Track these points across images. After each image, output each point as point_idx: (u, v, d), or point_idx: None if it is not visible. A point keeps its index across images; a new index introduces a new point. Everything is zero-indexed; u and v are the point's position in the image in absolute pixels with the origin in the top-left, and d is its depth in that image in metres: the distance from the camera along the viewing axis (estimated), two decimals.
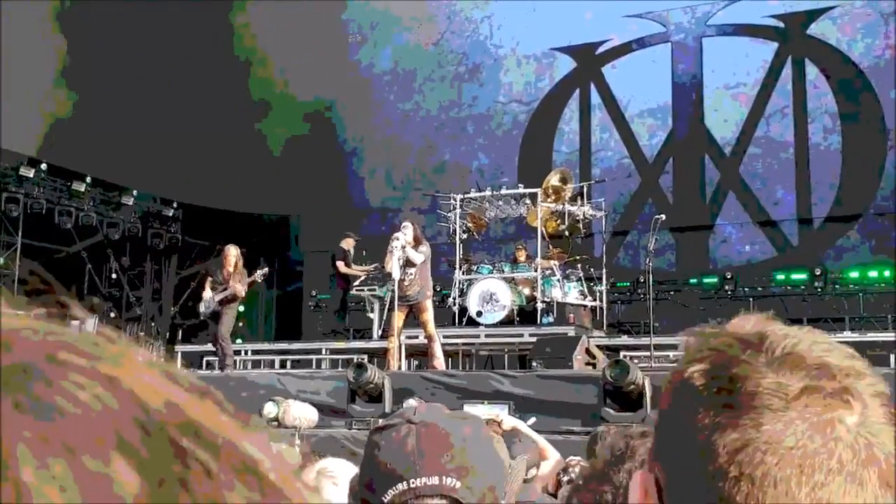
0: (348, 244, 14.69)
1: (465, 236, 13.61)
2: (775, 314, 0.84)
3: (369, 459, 1.52)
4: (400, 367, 10.81)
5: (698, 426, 0.76)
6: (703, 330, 0.84)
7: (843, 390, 0.75)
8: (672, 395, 0.81)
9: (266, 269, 11.99)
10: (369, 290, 14.69)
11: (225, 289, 11.51)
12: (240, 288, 11.50)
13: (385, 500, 1.45)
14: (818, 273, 16.08)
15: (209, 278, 11.96)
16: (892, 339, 11.95)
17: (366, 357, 11.66)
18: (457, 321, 12.76)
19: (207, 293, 11.70)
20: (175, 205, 18.95)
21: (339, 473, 2.52)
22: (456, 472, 1.46)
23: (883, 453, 0.75)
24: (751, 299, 16.44)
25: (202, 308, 11.77)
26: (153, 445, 0.35)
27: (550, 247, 13.62)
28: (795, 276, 16.39)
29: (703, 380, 0.78)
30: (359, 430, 8.62)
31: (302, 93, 19.96)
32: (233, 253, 11.70)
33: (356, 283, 14.73)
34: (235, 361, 12.75)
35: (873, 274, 15.88)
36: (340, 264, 14.59)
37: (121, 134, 17.22)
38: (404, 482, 1.45)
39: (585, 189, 13.79)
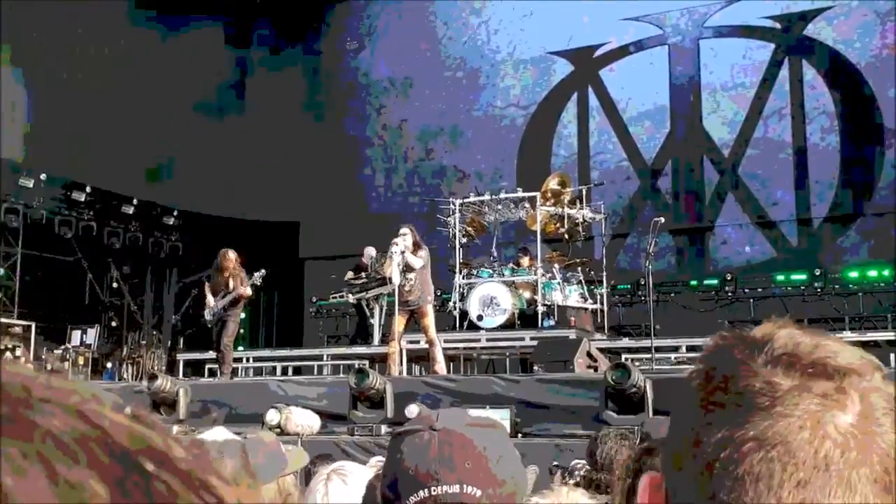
0: (367, 255, 14.68)
1: (464, 241, 13.62)
2: (780, 315, 0.83)
3: (391, 464, 1.53)
4: (401, 372, 10.83)
5: (690, 426, 0.77)
6: (721, 332, 0.84)
7: (837, 390, 0.74)
8: (682, 395, 0.81)
9: (264, 271, 12.02)
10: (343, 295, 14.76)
11: (227, 293, 11.56)
12: (243, 289, 11.56)
13: None
14: (818, 273, 16.08)
15: (207, 284, 12.00)
16: (892, 338, 11.97)
17: (367, 363, 11.67)
18: (458, 325, 12.77)
19: (211, 300, 11.74)
20: (175, 213, 18.95)
21: (350, 473, 2.60)
22: (477, 481, 1.46)
23: (877, 456, 0.72)
24: (751, 300, 16.45)
25: (208, 315, 11.82)
26: (118, 464, 0.39)
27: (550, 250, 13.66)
28: (795, 277, 16.38)
29: (699, 380, 0.79)
30: (361, 436, 8.63)
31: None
32: (231, 257, 11.77)
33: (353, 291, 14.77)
34: (237, 369, 12.78)
35: (873, 273, 15.88)
36: (350, 274, 14.65)
37: (120, 143, 17.24)
38: (426, 489, 1.45)
39: (584, 192, 13.80)
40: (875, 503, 0.71)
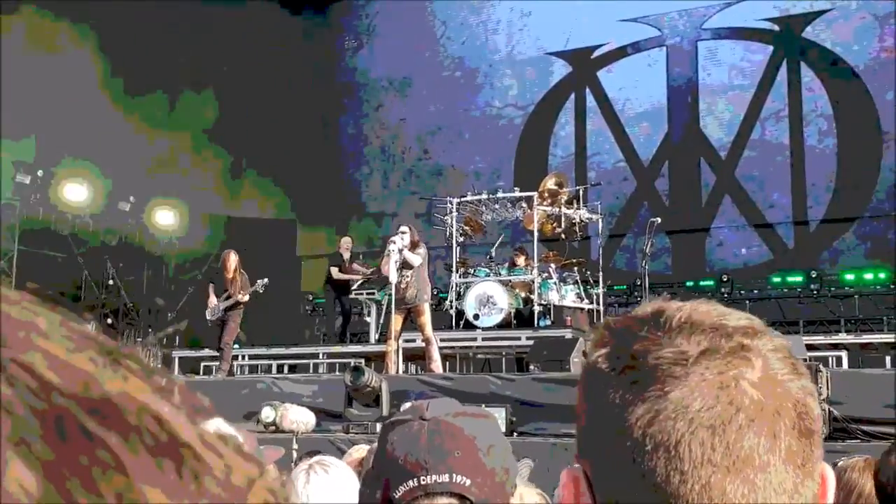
0: (344, 247, 14.72)
1: (461, 240, 13.62)
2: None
3: (381, 455, 1.52)
4: (397, 371, 10.82)
5: (610, 408, 0.78)
6: (605, 319, 0.87)
7: (740, 347, 0.77)
8: (584, 387, 0.83)
9: (266, 280, 12.15)
10: (368, 293, 14.76)
11: (229, 296, 11.71)
12: (241, 296, 11.69)
13: (396, 496, 1.45)
14: (814, 275, 16.09)
15: (212, 285, 12.13)
16: (889, 340, 11.98)
17: (363, 361, 11.66)
18: (454, 324, 12.76)
19: (213, 300, 11.93)
20: (172, 210, 18.91)
21: (332, 465, 2.59)
22: (467, 470, 1.45)
23: (790, 402, 0.77)
24: (747, 302, 16.45)
25: (208, 315, 12.02)
26: (55, 438, 0.32)
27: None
28: (791, 279, 16.39)
29: (607, 362, 0.80)
30: (356, 433, 8.62)
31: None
32: (232, 259, 11.91)
33: (354, 286, 14.73)
34: (232, 367, 12.80)
35: (869, 276, 15.90)
36: (334, 270, 14.64)
37: (118, 138, 17.21)
38: (415, 479, 1.44)
39: (581, 192, 13.79)
40: (797, 449, 0.76)
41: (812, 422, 0.78)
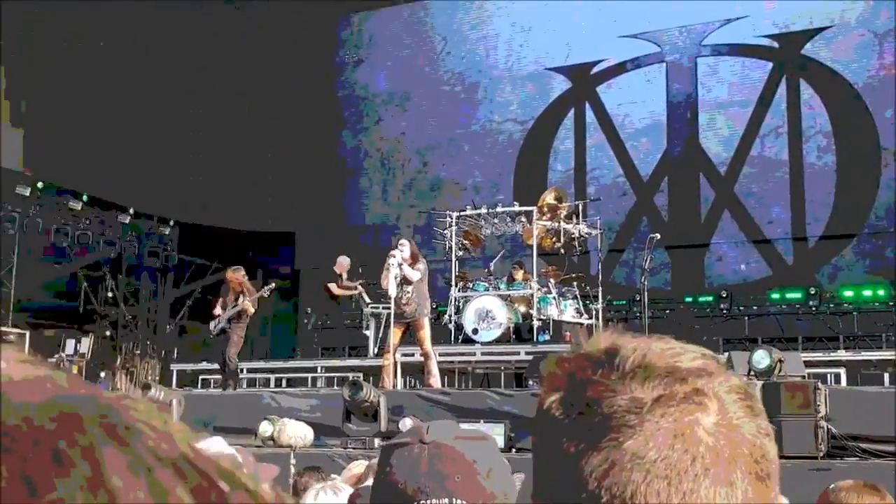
0: (341, 268, 14.69)
1: (461, 253, 13.63)
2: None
3: (381, 478, 1.52)
4: (395, 385, 10.81)
5: (564, 456, 0.77)
6: (557, 355, 0.86)
7: (694, 392, 0.77)
8: (539, 433, 0.82)
9: (273, 285, 12.19)
10: (385, 307, 14.76)
11: (235, 306, 11.68)
12: (248, 304, 11.64)
13: None
14: (813, 292, 16.10)
15: (220, 299, 12.12)
16: (888, 357, 11.97)
17: (361, 375, 11.65)
18: (453, 339, 12.76)
19: (218, 311, 11.91)
20: (171, 223, 18.94)
21: (342, 490, 2.66)
22: (467, 494, 1.45)
23: (746, 448, 0.76)
24: (746, 318, 16.45)
25: (212, 326, 11.98)
26: (200, 480, 0.45)
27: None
28: (790, 295, 16.40)
29: (561, 409, 0.79)
30: (354, 448, 8.61)
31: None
32: (232, 275, 11.89)
33: (370, 301, 14.67)
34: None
35: (868, 293, 15.90)
36: (332, 286, 14.65)
37: (117, 152, 17.24)
38: None
39: (580, 207, 13.82)
40: (753, 495, 0.76)
41: (768, 464, 0.78)
